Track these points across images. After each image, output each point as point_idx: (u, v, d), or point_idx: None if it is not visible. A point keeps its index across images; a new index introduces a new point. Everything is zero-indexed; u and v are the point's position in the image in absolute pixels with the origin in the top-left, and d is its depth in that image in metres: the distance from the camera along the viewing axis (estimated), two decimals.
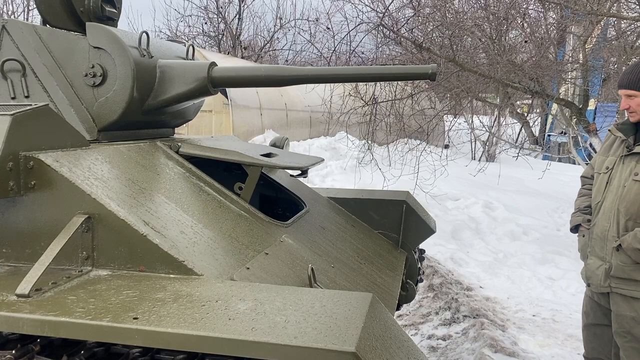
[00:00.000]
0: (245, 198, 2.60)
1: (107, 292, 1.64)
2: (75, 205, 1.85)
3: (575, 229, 2.80)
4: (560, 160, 13.06)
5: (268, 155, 2.83)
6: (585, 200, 2.81)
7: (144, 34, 2.62)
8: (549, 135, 14.39)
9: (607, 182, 2.54)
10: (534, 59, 7.08)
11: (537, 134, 15.52)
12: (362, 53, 8.23)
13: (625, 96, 2.45)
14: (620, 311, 2.47)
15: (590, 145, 6.85)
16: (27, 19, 13.16)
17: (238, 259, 2.02)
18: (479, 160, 12.82)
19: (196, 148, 2.68)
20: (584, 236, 2.66)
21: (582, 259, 2.72)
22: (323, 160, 3.19)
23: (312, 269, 2.16)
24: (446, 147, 13.27)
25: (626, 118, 2.55)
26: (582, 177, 2.93)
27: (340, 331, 1.37)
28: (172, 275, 1.78)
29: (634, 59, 6.76)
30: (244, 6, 17.70)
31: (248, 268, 2.00)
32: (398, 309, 3.79)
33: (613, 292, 2.49)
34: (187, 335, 1.38)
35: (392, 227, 3.53)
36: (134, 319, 1.44)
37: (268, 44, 18.82)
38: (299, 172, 3.07)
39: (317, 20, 15.78)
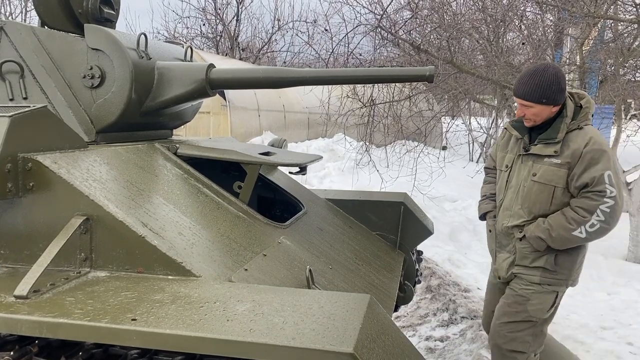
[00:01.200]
0: (244, 197, 2.61)
1: (105, 293, 1.64)
2: (74, 207, 1.86)
3: (483, 217, 2.87)
4: None
5: (266, 154, 2.83)
6: (490, 188, 2.88)
7: (142, 35, 2.62)
8: None
9: (507, 180, 2.61)
10: (531, 60, 7.10)
11: None
12: (360, 55, 8.25)
13: (521, 105, 2.46)
14: (513, 287, 2.62)
15: None
16: (25, 20, 13.15)
17: (236, 261, 2.03)
18: (477, 162, 12.84)
19: (194, 149, 2.69)
20: (490, 231, 2.74)
21: (491, 254, 2.79)
22: (321, 157, 3.20)
23: (310, 270, 2.16)
24: (444, 148, 13.28)
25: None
26: (485, 168, 3.00)
27: (338, 332, 1.38)
28: (170, 277, 1.78)
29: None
30: (242, 8, 17.73)
31: (246, 269, 2.00)
32: (396, 310, 3.79)
33: (516, 277, 2.63)
34: (186, 336, 1.38)
35: (390, 229, 3.54)
36: (132, 320, 1.44)
37: (266, 46, 18.84)
38: (297, 169, 3.07)
39: (315, 22, 15.81)
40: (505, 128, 2.70)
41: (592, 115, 2.52)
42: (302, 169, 3.01)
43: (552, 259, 2.52)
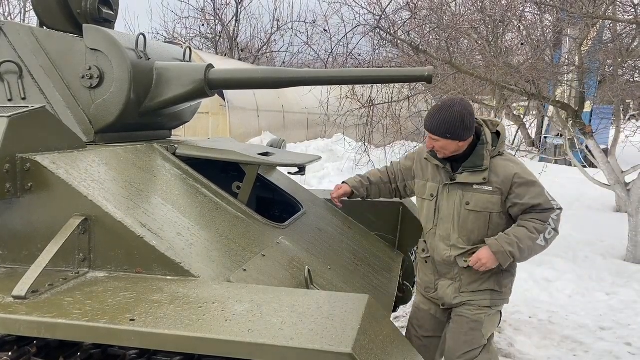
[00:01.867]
0: (242, 197, 2.61)
1: (104, 293, 1.64)
2: (72, 207, 1.86)
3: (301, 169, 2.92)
4: (556, 162, 13.08)
5: (265, 154, 2.83)
6: (375, 175, 2.88)
7: (141, 36, 2.62)
8: (545, 138, 14.41)
9: (435, 209, 2.62)
10: (530, 61, 7.11)
11: (533, 136, 15.53)
12: (359, 55, 8.24)
13: (430, 138, 2.52)
14: (464, 313, 2.62)
15: (587, 147, 6.87)
16: (24, 21, 13.13)
17: (235, 261, 2.03)
18: None
19: (193, 149, 2.69)
20: (426, 262, 2.73)
21: (428, 285, 2.75)
22: (320, 158, 3.20)
23: (308, 270, 2.17)
24: None
25: None
26: (391, 164, 2.97)
27: (337, 332, 1.38)
28: (169, 277, 1.78)
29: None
30: (241, 8, 17.73)
31: (245, 270, 2.00)
32: (395, 310, 3.80)
33: (464, 304, 2.62)
34: (184, 336, 1.38)
35: (389, 229, 3.54)
36: (131, 320, 1.44)
37: (265, 46, 18.84)
38: (296, 170, 3.07)
39: (314, 22, 15.81)
40: (424, 158, 2.70)
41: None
42: (301, 170, 3.01)
43: (499, 279, 2.58)
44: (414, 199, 2.97)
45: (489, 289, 2.57)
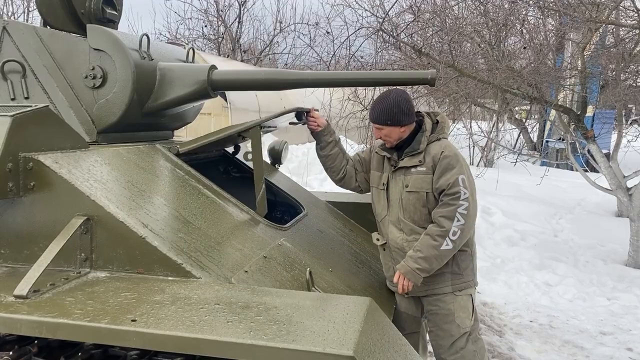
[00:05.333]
0: (257, 162, 2.62)
1: (105, 294, 1.64)
2: (74, 207, 1.86)
3: (299, 116, 2.94)
4: (558, 166, 13.09)
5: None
6: (340, 152, 2.95)
7: (145, 36, 2.62)
8: (547, 141, 14.41)
9: (386, 198, 2.75)
10: (532, 65, 7.10)
11: (535, 139, 15.54)
12: (362, 57, 8.26)
13: (375, 128, 2.73)
14: (433, 310, 2.70)
15: (588, 151, 6.86)
16: (27, 20, 13.16)
17: (236, 262, 2.02)
18: (477, 166, 12.84)
19: (193, 142, 2.68)
20: (385, 250, 2.82)
21: (386, 269, 2.85)
22: (317, 110, 3.19)
23: (310, 272, 2.16)
24: None
25: None
26: (357, 154, 3.09)
27: (338, 335, 1.38)
28: (170, 278, 1.78)
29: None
30: (244, 10, 17.74)
31: (246, 271, 2.00)
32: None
33: (429, 297, 2.71)
34: (185, 337, 1.38)
35: None
36: (132, 321, 1.44)
37: (268, 48, 18.85)
38: (297, 122, 3.05)
39: (317, 25, 15.80)
40: (375, 152, 2.86)
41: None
42: (300, 118, 3.00)
43: (456, 261, 2.65)
44: None
45: (447, 272, 2.64)
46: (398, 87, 2.87)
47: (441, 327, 2.68)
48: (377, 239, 2.82)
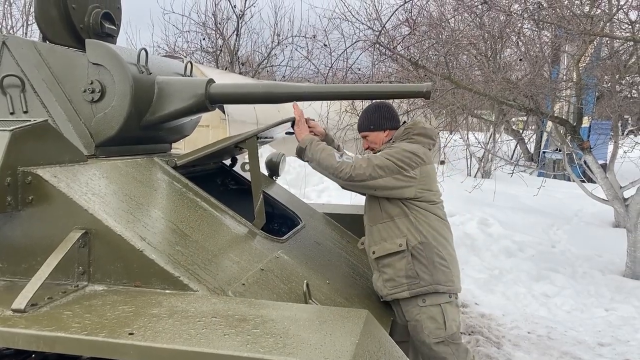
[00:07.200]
0: (254, 172, 2.65)
1: (102, 307, 1.64)
2: (72, 221, 1.87)
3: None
4: (555, 177, 13.12)
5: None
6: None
7: (143, 50, 2.65)
8: (544, 152, 14.46)
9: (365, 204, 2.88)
10: (528, 76, 7.16)
11: (532, 150, 15.59)
12: (359, 70, 8.31)
13: (363, 139, 2.90)
14: (404, 320, 2.75)
15: (585, 162, 6.89)
16: (26, 34, 13.22)
17: (233, 275, 2.03)
18: (475, 177, 12.86)
19: (191, 154, 2.70)
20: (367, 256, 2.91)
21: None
22: (314, 120, 3.21)
23: (307, 284, 2.17)
24: (442, 163, 13.29)
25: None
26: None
27: (335, 348, 1.38)
28: (167, 291, 1.79)
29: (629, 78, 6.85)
30: (242, 23, 17.83)
31: (243, 284, 2.00)
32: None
33: (394, 304, 2.77)
34: (182, 350, 1.38)
35: None
36: (130, 334, 1.45)
37: (265, 60, 18.93)
38: (293, 132, 3.07)
39: (314, 37, 15.87)
40: None
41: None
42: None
43: (404, 265, 2.65)
44: None
45: (401, 275, 2.66)
46: (380, 101, 3.01)
47: (415, 337, 2.72)
48: (362, 243, 2.91)
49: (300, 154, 2.74)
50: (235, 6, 17.41)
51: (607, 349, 4.36)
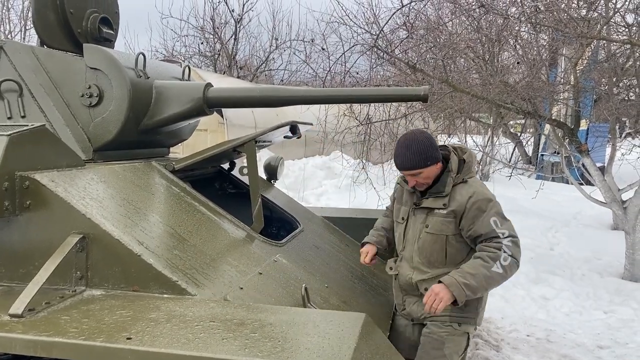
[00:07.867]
0: (252, 175, 2.63)
1: (100, 312, 1.64)
2: (70, 225, 1.86)
3: (362, 245, 2.89)
4: (553, 179, 13.13)
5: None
6: (384, 222, 2.94)
7: (141, 55, 2.65)
8: (542, 155, 14.48)
9: (404, 233, 2.70)
10: (526, 80, 7.16)
11: (530, 153, 15.62)
12: (357, 73, 8.31)
13: (409, 176, 2.60)
14: (426, 332, 2.63)
15: (583, 165, 6.90)
16: (24, 39, 13.21)
17: (232, 279, 2.03)
18: None
19: (189, 158, 2.70)
20: (395, 279, 2.77)
21: (396, 298, 2.80)
22: (312, 124, 3.20)
23: (305, 288, 2.17)
24: None
25: None
26: (386, 207, 3.07)
27: (333, 351, 1.38)
28: (165, 295, 1.79)
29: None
30: (240, 27, 17.87)
31: (241, 288, 2.00)
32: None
33: (430, 319, 2.64)
34: (180, 355, 1.38)
35: None
36: (128, 339, 1.44)
37: (264, 64, 18.95)
38: (292, 136, 3.06)
39: (312, 41, 15.91)
40: (398, 183, 2.81)
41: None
42: (294, 131, 3.00)
43: None
44: None
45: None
46: (416, 128, 2.82)
47: (427, 350, 2.59)
48: (390, 268, 2.75)
49: (471, 295, 2.46)
50: (233, 10, 17.45)
51: (606, 352, 4.35)
